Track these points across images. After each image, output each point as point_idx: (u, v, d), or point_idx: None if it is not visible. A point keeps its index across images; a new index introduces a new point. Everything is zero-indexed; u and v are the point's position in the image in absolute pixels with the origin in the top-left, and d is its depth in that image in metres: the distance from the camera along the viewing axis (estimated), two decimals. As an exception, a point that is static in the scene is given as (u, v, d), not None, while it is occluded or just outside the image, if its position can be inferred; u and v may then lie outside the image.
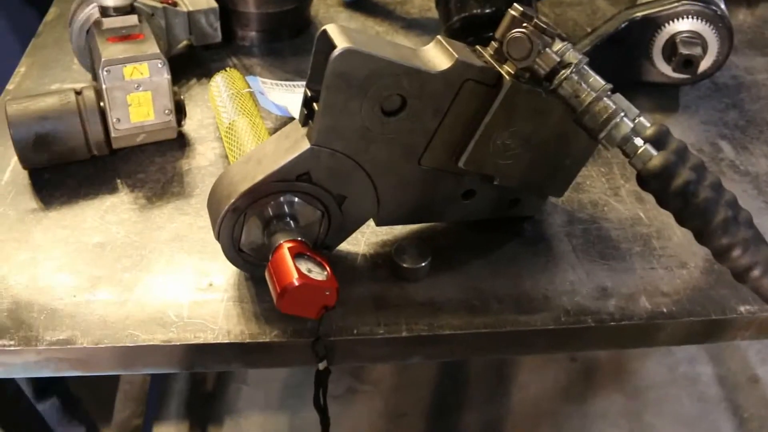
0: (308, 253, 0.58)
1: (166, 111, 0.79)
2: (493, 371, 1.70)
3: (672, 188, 0.54)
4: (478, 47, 0.62)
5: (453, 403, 1.64)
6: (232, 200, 0.59)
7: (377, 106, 0.58)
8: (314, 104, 0.58)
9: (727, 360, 1.73)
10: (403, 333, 0.63)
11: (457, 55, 0.58)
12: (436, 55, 0.59)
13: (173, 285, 0.68)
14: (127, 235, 0.73)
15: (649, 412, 1.64)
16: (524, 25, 0.57)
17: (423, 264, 0.67)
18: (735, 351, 1.74)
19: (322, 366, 0.63)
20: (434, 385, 1.67)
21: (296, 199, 0.61)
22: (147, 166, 0.82)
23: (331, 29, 0.56)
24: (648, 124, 0.58)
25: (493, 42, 0.61)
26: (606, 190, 0.79)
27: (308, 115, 0.59)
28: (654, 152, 0.55)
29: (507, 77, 0.59)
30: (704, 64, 0.88)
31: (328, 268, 0.58)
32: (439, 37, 0.60)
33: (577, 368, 1.70)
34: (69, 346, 0.63)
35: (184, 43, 0.99)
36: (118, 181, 0.80)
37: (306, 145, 0.58)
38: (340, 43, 0.54)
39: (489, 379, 1.69)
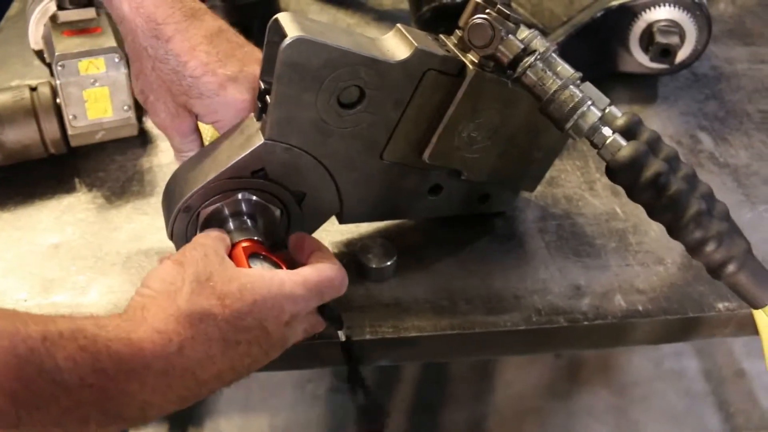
0: (264, 253, 0.56)
1: (125, 107, 0.76)
2: (477, 368, 1.68)
3: (642, 180, 0.52)
4: (441, 36, 0.60)
5: (437, 402, 1.62)
6: (184, 199, 0.57)
7: (334, 98, 0.55)
8: (267, 97, 0.55)
9: (714, 354, 1.71)
10: (367, 336, 0.61)
11: (416, 44, 0.55)
12: (396, 44, 0.56)
13: (129, 288, 0.65)
14: (83, 235, 0.71)
15: (635, 407, 1.62)
16: (487, 11, 0.54)
17: (388, 263, 0.64)
18: (721, 345, 1.72)
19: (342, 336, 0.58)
20: (418, 383, 1.65)
21: (253, 197, 0.58)
22: (107, 164, 0.79)
23: (283, 17, 0.53)
24: (619, 114, 0.55)
25: (457, 30, 0.58)
26: (581, 185, 0.76)
27: (262, 108, 0.56)
28: (623, 142, 0.53)
29: (470, 66, 0.56)
30: (682, 54, 0.86)
31: (284, 269, 0.56)
32: (399, 25, 0.58)
33: (561, 364, 1.68)
34: (17, 354, 0.60)
35: (149, 37, 0.96)
36: (77, 180, 0.77)
37: (260, 140, 0.56)
38: (291, 31, 0.51)
39: (473, 377, 1.66)
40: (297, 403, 1.60)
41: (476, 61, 0.56)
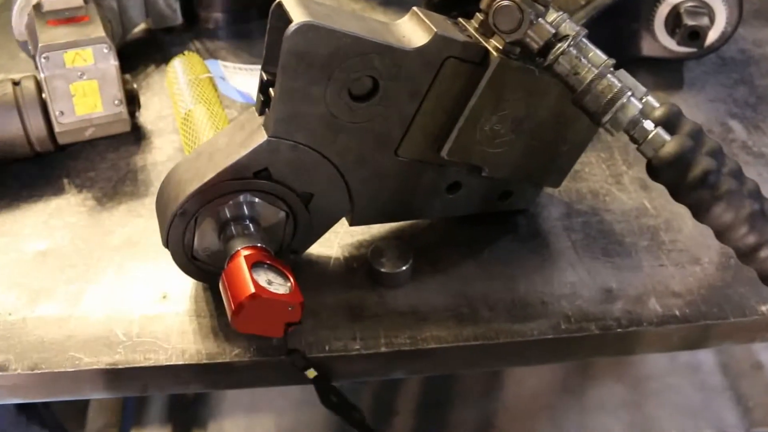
0: (268, 262, 0.51)
1: (116, 101, 0.71)
2: (488, 365, 1.64)
3: (689, 179, 0.47)
4: (460, 20, 0.55)
5: (446, 400, 1.58)
6: (179, 203, 0.52)
7: (344, 90, 0.50)
8: (271, 89, 0.50)
9: (730, 347, 1.66)
10: (382, 348, 0.56)
11: (435, 29, 0.50)
12: (412, 30, 0.51)
13: (123, 298, 0.60)
14: (72, 241, 0.66)
15: (649, 402, 1.57)
16: (513, -9, 0.49)
17: (404, 267, 0.59)
18: (738, 337, 1.68)
19: (311, 374, 0.54)
20: (426, 380, 1.60)
21: (255, 199, 0.53)
22: (98, 163, 0.74)
23: (287, 1, 0.48)
24: (657, 105, 0.50)
25: (477, 14, 0.53)
26: (607, 178, 0.71)
27: (265, 102, 0.51)
28: (667, 137, 0.48)
29: (494, 53, 0.51)
30: (711, 36, 0.81)
31: (291, 279, 0.51)
32: (415, 8, 0.53)
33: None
34: (1, 373, 0.55)
35: (142, 26, 0.91)
36: (65, 180, 0.72)
37: (263, 137, 0.51)
38: (297, 16, 0.46)
39: (483, 373, 1.62)
40: (303, 403, 1.55)
41: (500, 47, 0.51)
